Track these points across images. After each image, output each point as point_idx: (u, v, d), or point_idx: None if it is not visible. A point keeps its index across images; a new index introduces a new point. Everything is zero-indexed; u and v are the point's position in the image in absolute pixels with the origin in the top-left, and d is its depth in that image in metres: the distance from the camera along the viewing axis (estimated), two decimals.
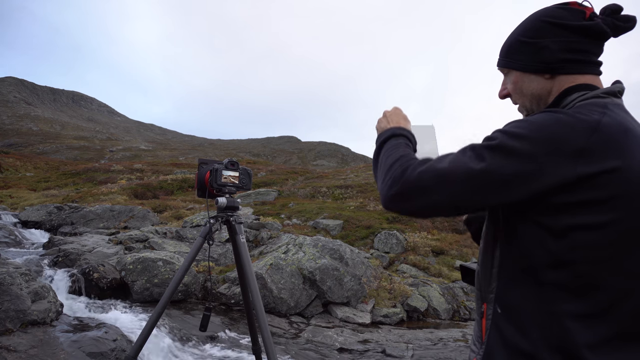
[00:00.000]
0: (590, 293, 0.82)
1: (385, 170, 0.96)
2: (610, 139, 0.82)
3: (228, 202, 2.45)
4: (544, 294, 0.85)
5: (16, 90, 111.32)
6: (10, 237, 8.23)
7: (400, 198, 0.90)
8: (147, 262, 5.74)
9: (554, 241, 0.83)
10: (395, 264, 9.01)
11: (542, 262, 0.85)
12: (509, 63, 1.04)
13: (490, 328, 0.93)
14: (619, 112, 0.88)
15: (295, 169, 29.17)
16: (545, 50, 0.96)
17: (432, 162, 0.90)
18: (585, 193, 0.80)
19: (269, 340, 2.29)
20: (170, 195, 17.48)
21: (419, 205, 0.89)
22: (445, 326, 6.41)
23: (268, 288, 5.86)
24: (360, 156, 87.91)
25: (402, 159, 0.95)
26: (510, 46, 1.04)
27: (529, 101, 1.03)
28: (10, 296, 3.66)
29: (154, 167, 27.74)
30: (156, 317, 2.30)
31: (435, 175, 0.87)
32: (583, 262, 0.82)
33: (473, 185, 0.84)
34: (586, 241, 0.81)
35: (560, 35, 0.95)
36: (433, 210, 0.90)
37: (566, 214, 0.82)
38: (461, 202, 0.86)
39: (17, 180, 25.09)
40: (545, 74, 0.98)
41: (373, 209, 12.81)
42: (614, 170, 0.80)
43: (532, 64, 0.99)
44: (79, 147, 58.66)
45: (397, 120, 1.16)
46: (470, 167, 0.84)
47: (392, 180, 0.91)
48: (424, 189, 0.87)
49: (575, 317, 0.82)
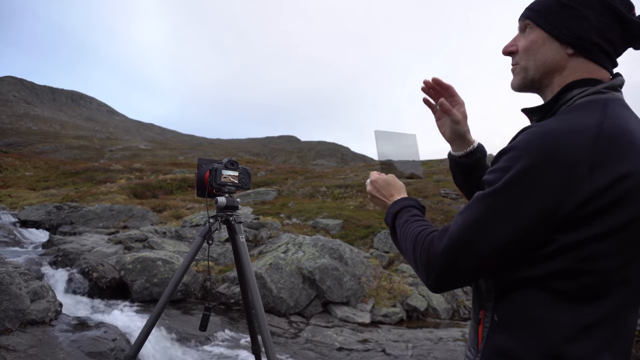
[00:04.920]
0: (593, 303, 0.80)
1: (411, 257, 0.95)
2: (613, 144, 0.78)
3: (227, 202, 2.45)
4: (545, 303, 0.82)
5: (15, 89, 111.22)
6: (9, 236, 8.22)
7: (444, 283, 0.88)
8: (147, 262, 5.73)
9: (563, 254, 0.79)
10: (395, 264, 9.00)
11: (548, 273, 0.81)
12: (538, 19, 0.92)
13: (487, 336, 0.90)
14: (619, 110, 0.84)
15: (294, 169, 29.17)
16: (584, 21, 0.87)
17: (451, 229, 0.86)
18: (598, 203, 0.76)
19: (269, 339, 2.28)
20: (170, 195, 17.46)
21: (466, 280, 0.88)
22: (445, 326, 6.41)
23: (267, 288, 5.86)
24: (360, 156, 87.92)
25: (418, 239, 0.93)
26: (545, 1, 0.92)
27: (536, 67, 0.94)
28: (10, 296, 3.65)
29: (153, 166, 27.72)
30: (155, 316, 2.30)
31: (454, 244, 0.84)
32: (590, 273, 0.79)
33: (497, 240, 0.81)
34: (596, 252, 0.78)
35: (605, 16, 0.86)
36: (477, 276, 0.89)
37: (579, 227, 0.78)
38: (494, 257, 0.84)
39: (16, 179, 25.07)
40: (570, 47, 0.89)
41: (373, 209, 12.80)
42: (623, 176, 0.76)
43: (564, 30, 0.89)
44: (78, 147, 58.62)
45: (390, 193, 1.16)
46: (484, 221, 0.82)
47: (424, 267, 0.90)
48: (454, 262, 0.85)
49: (574, 327, 0.80)
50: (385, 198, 1.17)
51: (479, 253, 0.82)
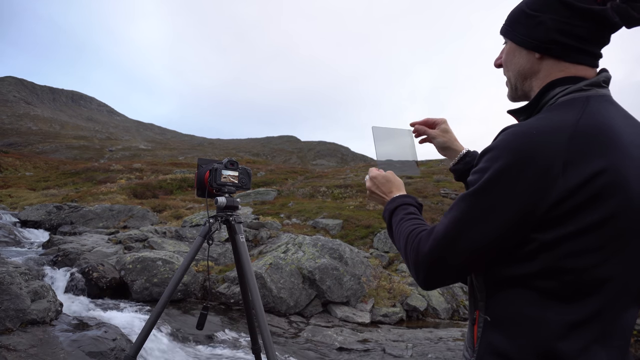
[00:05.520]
0: (579, 300, 0.81)
1: (403, 255, 0.98)
2: (590, 140, 0.79)
3: (227, 202, 2.45)
4: (532, 302, 0.83)
5: (15, 89, 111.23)
6: (9, 236, 8.22)
7: (432, 282, 0.91)
8: (147, 262, 5.74)
9: (543, 253, 0.81)
10: (395, 264, 9.01)
11: (531, 271, 0.83)
12: (507, 32, 1.00)
13: (482, 336, 0.92)
14: (600, 107, 0.84)
15: (294, 169, 29.17)
16: (541, 26, 0.91)
17: (436, 229, 0.90)
18: (573, 201, 0.77)
19: (269, 339, 2.29)
20: (170, 195, 17.46)
21: (453, 278, 0.91)
22: (444, 325, 6.42)
23: (267, 287, 5.86)
24: (359, 155, 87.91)
25: (409, 238, 0.96)
26: (513, 15, 0.98)
27: (514, 77, 1.00)
28: (10, 295, 3.66)
29: (153, 166, 27.72)
30: (155, 316, 2.30)
31: (439, 243, 0.87)
32: (571, 271, 0.80)
33: (480, 237, 0.84)
34: (574, 249, 0.79)
35: (561, 14, 0.88)
36: (463, 274, 0.91)
37: (556, 225, 0.79)
38: (477, 254, 0.86)
39: (16, 179, 25.08)
40: (536, 52, 0.93)
41: (372, 209, 12.80)
42: (597, 173, 0.77)
43: (526, 38, 0.94)
44: (78, 147, 58.62)
45: (389, 189, 1.19)
46: (466, 220, 0.84)
47: (413, 266, 0.93)
48: (440, 261, 0.88)
49: (562, 324, 0.80)
50: (384, 194, 1.19)
51: (463, 251, 0.85)
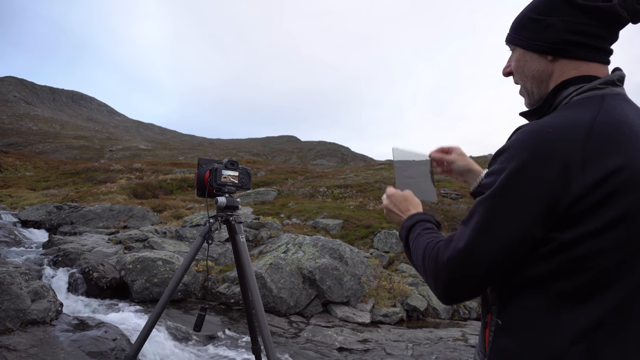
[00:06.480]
0: (594, 301, 0.79)
1: (421, 268, 0.95)
2: (607, 138, 0.78)
3: (228, 202, 2.45)
4: (546, 305, 0.82)
5: (16, 89, 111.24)
6: (10, 236, 8.22)
7: (452, 293, 0.87)
8: (147, 262, 5.74)
9: (562, 252, 0.79)
10: (395, 264, 9.00)
11: (548, 272, 0.81)
12: (514, 39, 0.99)
13: (493, 340, 0.90)
14: (616, 105, 0.84)
15: (294, 169, 29.17)
16: (550, 28, 0.91)
17: (456, 236, 0.86)
18: (592, 198, 0.76)
19: (269, 339, 2.29)
20: (170, 195, 17.46)
21: (475, 289, 0.87)
22: (445, 325, 6.42)
23: (268, 287, 5.86)
24: (360, 155, 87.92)
25: (427, 249, 0.94)
26: (519, 21, 0.98)
27: (530, 82, 0.98)
28: (10, 295, 3.66)
29: (153, 166, 27.73)
30: (156, 316, 2.30)
31: (459, 251, 0.84)
32: (590, 270, 0.78)
33: (499, 247, 0.81)
34: (594, 248, 0.78)
35: (569, 14, 0.88)
36: (485, 284, 0.87)
37: (575, 224, 0.78)
38: (500, 264, 0.83)
39: (16, 179, 25.07)
40: (548, 54, 0.93)
41: (372, 209, 12.80)
42: (615, 170, 0.76)
43: (536, 42, 0.94)
44: (78, 147, 58.62)
45: (407, 207, 1.16)
46: (488, 229, 0.81)
47: (432, 277, 0.90)
48: (461, 270, 0.84)
49: (575, 328, 0.79)
50: (401, 212, 1.16)
51: (485, 258, 0.82)
